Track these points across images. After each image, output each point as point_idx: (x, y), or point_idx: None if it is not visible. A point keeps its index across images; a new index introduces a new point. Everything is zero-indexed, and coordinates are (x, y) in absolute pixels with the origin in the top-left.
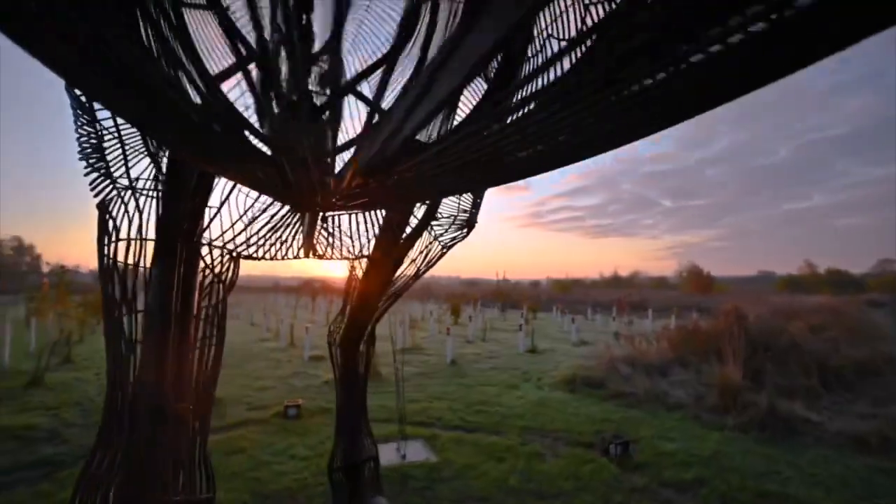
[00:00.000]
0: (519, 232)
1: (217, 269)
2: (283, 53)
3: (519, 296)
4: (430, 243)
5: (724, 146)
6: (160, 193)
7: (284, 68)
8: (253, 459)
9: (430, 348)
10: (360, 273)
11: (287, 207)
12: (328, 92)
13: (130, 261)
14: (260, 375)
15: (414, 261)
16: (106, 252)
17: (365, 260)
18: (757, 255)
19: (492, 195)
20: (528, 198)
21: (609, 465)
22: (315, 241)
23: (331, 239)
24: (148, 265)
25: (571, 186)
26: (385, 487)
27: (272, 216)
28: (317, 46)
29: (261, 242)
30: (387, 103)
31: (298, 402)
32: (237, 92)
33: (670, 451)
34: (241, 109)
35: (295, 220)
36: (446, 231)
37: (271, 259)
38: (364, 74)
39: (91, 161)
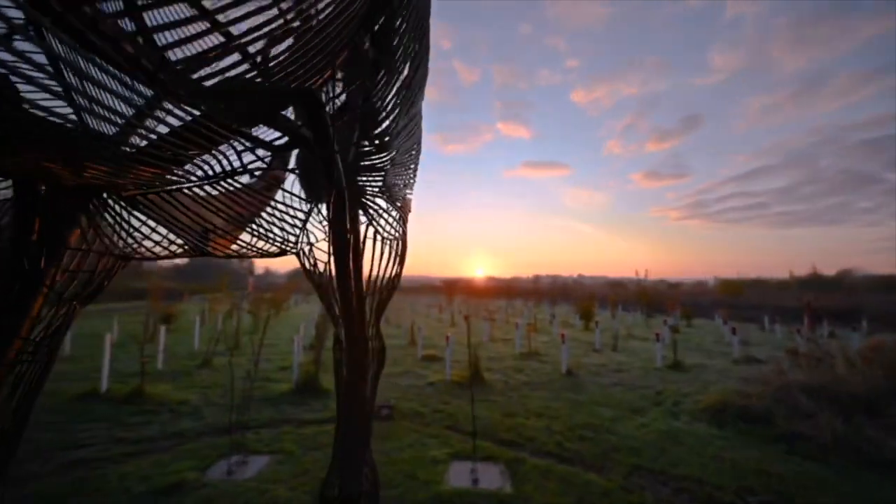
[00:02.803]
0: (677, 226)
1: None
2: None
3: (672, 298)
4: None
5: None
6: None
7: None
8: (329, 458)
9: (547, 355)
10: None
11: None
12: None
13: None
14: None
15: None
16: None
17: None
18: None
19: (636, 187)
20: (685, 186)
21: None
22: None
23: (261, 231)
24: None
25: (746, 167)
26: None
27: None
28: None
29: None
30: None
31: (390, 402)
32: None
33: None
34: None
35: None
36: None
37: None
38: None
39: None
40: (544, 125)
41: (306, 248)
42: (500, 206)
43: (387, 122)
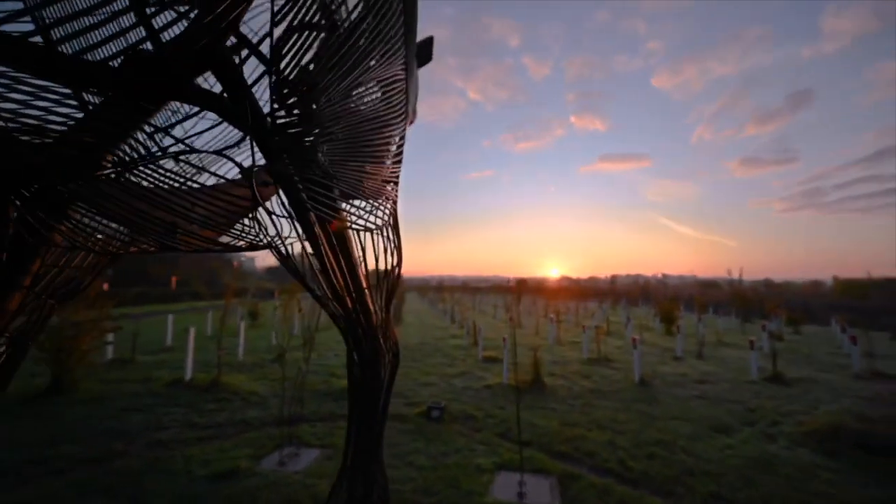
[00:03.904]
0: (782, 218)
1: None
2: None
3: (774, 300)
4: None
5: None
6: None
7: None
8: None
9: (619, 361)
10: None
11: None
12: None
13: None
14: (431, 371)
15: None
16: None
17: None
18: None
19: (730, 176)
20: (793, 173)
21: None
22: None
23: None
24: None
25: (875, 147)
26: None
27: None
28: None
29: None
30: None
31: (441, 404)
32: None
33: None
34: None
35: None
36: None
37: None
38: None
39: None
40: (622, 115)
41: (276, 241)
42: (576, 203)
43: (318, 92)
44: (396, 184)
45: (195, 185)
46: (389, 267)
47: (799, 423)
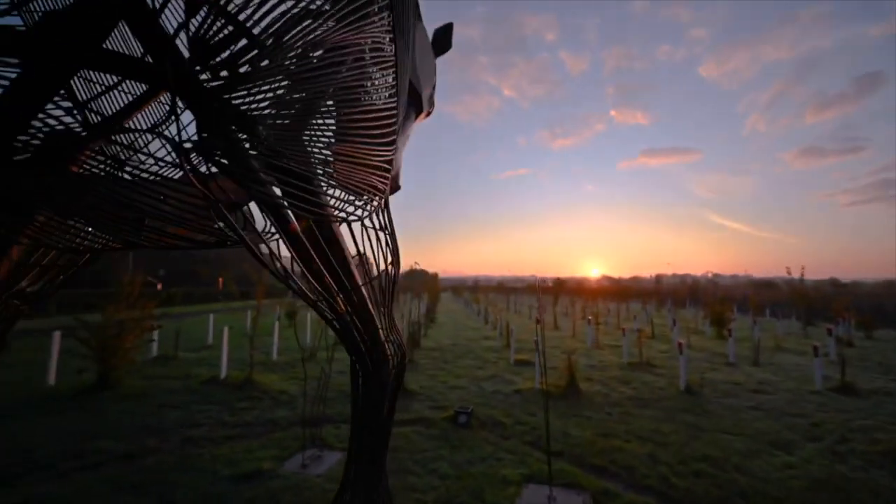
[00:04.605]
0: (850, 212)
1: None
2: None
3: (841, 302)
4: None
5: None
6: None
7: None
8: (398, 462)
9: (663, 366)
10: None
11: None
12: None
13: None
14: (461, 374)
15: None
16: None
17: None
18: None
19: (787, 168)
20: (861, 163)
21: None
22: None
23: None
24: None
25: None
26: None
27: None
28: None
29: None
30: None
31: (469, 409)
32: None
33: None
34: None
35: None
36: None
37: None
38: None
39: None
40: (665, 107)
41: (248, 236)
42: (617, 200)
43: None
44: (387, 171)
45: (159, 177)
46: (384, 263)
47: (873, 441)
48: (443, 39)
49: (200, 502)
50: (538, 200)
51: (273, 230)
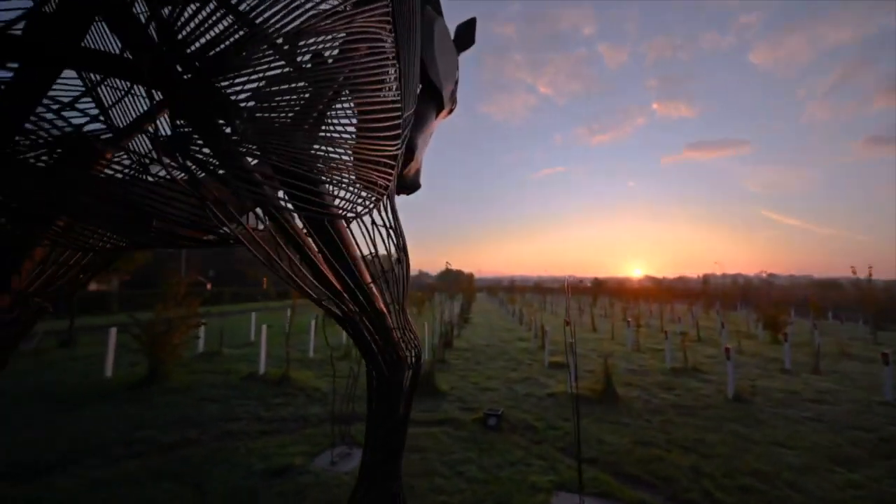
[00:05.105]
0: None
1: None
2: None
3: None
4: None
5: None
6: None
7: None
8: (425, 463)
9: (710, 372)
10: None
11: None
12: None
13: None
14: (493, 375)
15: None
16: None
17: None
18: None
19: (853, 158)
20: None
21: None
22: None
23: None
24: None
25: None
26: None
27: None
28: None
29: None
30: None
31: (499, 411)
32: None
33: None
34: None
35: None
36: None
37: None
38: None
39: None
40: (712, 98)
41: (240, 231)
42: (660, 197)
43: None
44: (391, 167)
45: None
46: (392, 260)
47: None
48: (465, 35)
49: (233, 494)
50: (576, 199)
51: (272, 229)
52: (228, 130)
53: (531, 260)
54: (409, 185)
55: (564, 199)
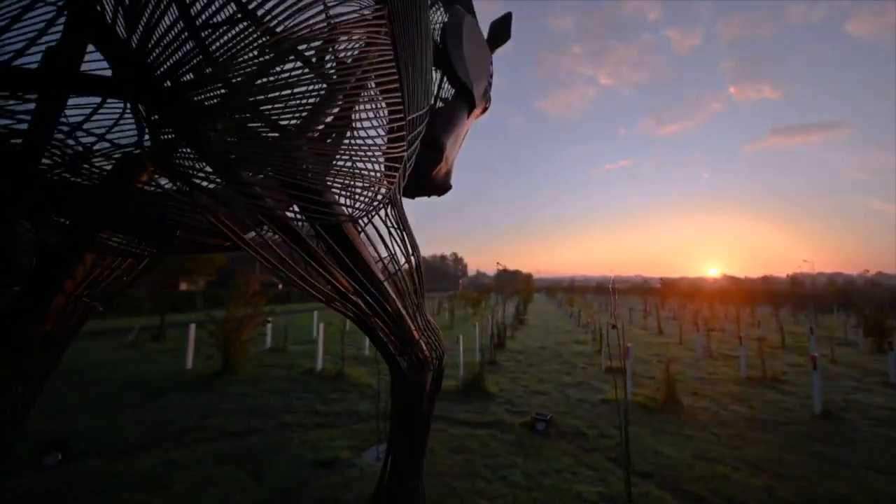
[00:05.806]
0: None
1: None
2: None
3: None
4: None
5: None
6: None
7: None
8: (468, 465)
9: (794, 383)
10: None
11: None
12: None
13: None
14: (546, 378)
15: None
16: None
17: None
18: None
19: None
20: None
21: None
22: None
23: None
24: None
25: None
26: None
27: None
28: None
29: None
30: None
31: (548, 416)
32: None
33: None
34: None
35: None
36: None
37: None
38: None
39: None
40: (800, 77)
41: (248, 235)
42: (740, 188)
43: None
44: (395, 169)
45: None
46: (403, 260)
47: None
48: (501, 30)
49: (284, 482)
50: (643, 194)
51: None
52: (218, 143)
53: (593, 259)
54: (440, 186)
55: (630, 195)
